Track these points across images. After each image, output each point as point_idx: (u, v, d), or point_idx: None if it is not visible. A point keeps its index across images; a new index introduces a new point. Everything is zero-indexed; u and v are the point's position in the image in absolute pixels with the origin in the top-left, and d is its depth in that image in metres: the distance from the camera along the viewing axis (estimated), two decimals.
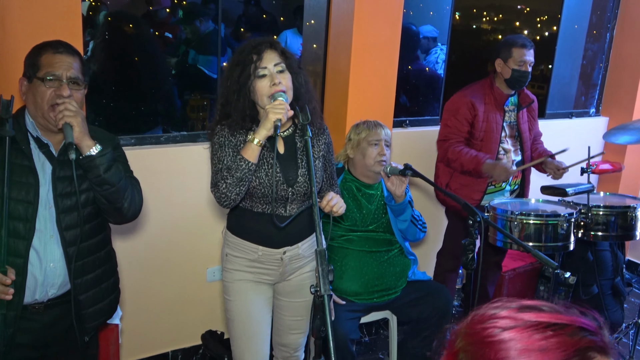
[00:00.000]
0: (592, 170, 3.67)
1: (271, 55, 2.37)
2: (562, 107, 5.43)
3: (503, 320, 0.90)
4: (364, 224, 3.19)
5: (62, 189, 2.16)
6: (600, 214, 3.46)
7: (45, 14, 2.74)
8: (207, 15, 4.20)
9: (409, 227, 3.18)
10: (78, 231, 2.19)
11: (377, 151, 3.11)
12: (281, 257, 2.54)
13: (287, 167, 2.47)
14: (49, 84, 2.09)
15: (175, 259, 3.52)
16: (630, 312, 4.69)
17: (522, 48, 3.67)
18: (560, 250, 3.36)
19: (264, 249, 2.52)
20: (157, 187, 3.34)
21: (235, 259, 2.55)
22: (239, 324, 2.59)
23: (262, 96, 2.36)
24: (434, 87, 4.89)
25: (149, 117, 3.84)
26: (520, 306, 0.92)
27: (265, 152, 2.42)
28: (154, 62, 4.02)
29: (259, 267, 2.55)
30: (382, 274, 3.20)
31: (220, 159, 2.38)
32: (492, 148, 3.70)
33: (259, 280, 2.57)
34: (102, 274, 2.35)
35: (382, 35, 3.75)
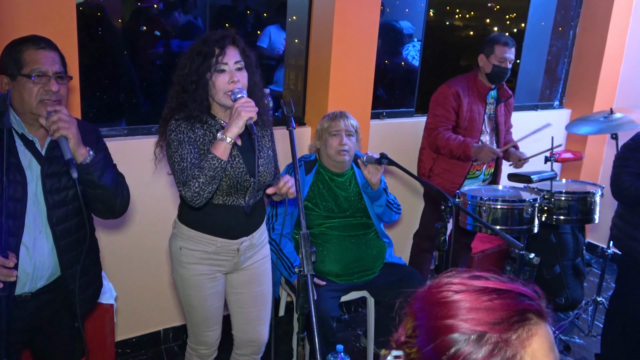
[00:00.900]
0: (555, 159, 3.73)
1: (233, 52, 2.32)
2: (529, 100, 5.49)
3: (455, 286, 0.99)
4: (341, 210, 3.23)
5: (50, 186, 2.10)
6: (562, 199, 3.52)
7: (40, 10, 2.72)
8: (190, 10, 4.19)
9: (384, 210, 3.24)
10: (68, 225, 2.17)
11: (337, 141, 3.15)
12: (238, 248, 2.51)
13: (248, 158, 2.43)
14: (36, 80, 2.01)
15: (165, 243, 3.49)
16: (590, 290, 4.78)
17: (504, 46, 3.74)
18: (526, 233, 3.42)
19: (222, 240, 2.47)
20: (149, 175, 3.35)
21: (191, 252, 2.47)
22: (200, 313, 2.56)
23: (218, 91, 2.32)
24: (409, 80, 4.92)
25: (140, 109, 3.82)
26: (471, 275, 1.00)
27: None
28: (143, 57, 4.01)
29: (215, 259, 2.50)
30: (360, 256, 3.25)
31: (182, 156, 2.27)
32: (475, 137, 3.79)
33: (214, 272, 2.52)
34: (88, 263, 2.33)
35: (360, 31, 3.76)
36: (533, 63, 5.56)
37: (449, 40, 5.83)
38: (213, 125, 2.39)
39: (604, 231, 5.29)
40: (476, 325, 0.92)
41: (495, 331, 0.92)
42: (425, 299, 1.00)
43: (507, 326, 0.92)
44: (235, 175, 2.37)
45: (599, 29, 5.21)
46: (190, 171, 2.24)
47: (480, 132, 3.81)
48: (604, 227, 4.88)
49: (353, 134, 3.20)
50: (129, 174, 2.49)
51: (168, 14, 4.26)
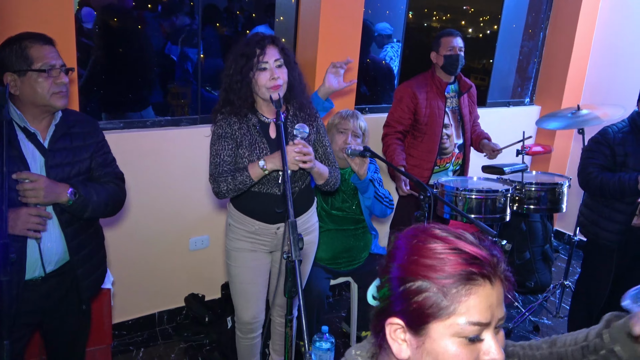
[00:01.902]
0: (526, 152, 3.75)
1: (272, 51, 2.41)
2: (501, 97, 5.51)
3: (431, 238, 1.05)
4: (336, 206, 3.22)
5: (55, 176, 2.09)
6: (533, 190, 3.55)
7: (38, 11, 2.69)
8: (183, 10, 4.15)
9: (374, 203, 3.21)
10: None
11: (343, 139, 3.13)
12: (275, 232, 2.60)
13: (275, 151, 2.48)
14: (50, 73, 2.03)
15: (162, 230, 3.52)
16: (557, 274, 4.83)
17: (449, 36, 3.71)
18: (498, 222, 3.44)
19: (260, 223, 2.57)
20: (145, 167, 3.33)
21: (236, 229, 2.61)
22: (238, 285, 2.68)
23: (261, 87, 2.41)
24: (389, 78, 4.93)
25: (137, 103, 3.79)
26: (451, 233, 1.05)
27: (257, 137, 2.47)
28: (141, 54, 3.97)
29: (256, 238, 2.61)
30: (349, 247, 3.26)
31: (217, 151, 2.45)
32: (436, 131, 3.74)
33: (255, 249, 2.63)
34: (93, 248, 2.33)
35: (345, 32, 3.76)
36: (505, 62, 5.59)
37: (426, 40, 5.82)
38: (250, 119, 2.48)
39: (571, 219, 5.35)
40: (425, 272, 1.01)
41: (438, 282, 0.99)
42: (405, 237, 1.09)
43: (451, 281, 0.99)
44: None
45: (567, 30, 5.25)
46: (221, 168, 2.43)
47: (441, 127, 3.75)
48: (571, 215, 4.94)
49: (360, 136, 3.17)
50: (126, 166, 2.48)
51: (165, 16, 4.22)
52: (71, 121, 2.19)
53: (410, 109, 3.69)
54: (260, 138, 2.47)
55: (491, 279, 1.00)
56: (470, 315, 0.99)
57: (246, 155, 2.45)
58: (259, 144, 2.47)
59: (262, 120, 2.51)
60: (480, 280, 0.99)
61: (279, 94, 2.39)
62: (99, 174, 2.27)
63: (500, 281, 1.02)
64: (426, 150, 3.75)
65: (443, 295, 0.99)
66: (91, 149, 2.23)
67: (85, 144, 2.22)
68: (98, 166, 2.27)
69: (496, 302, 1.01)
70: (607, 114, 3.76)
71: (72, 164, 2.15)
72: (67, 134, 2.16)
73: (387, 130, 3.75)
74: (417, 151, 3.76)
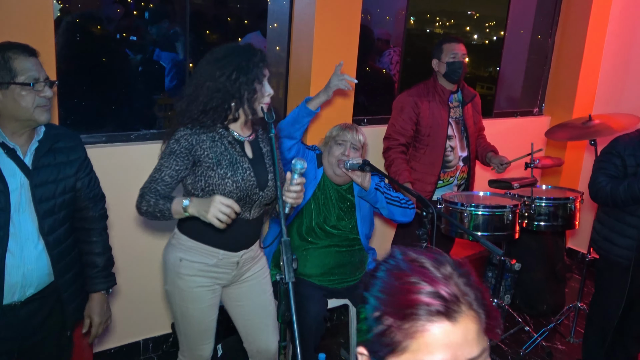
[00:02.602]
0: (535, 165, 3.77)
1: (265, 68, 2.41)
2: (508, 107, 5.55)
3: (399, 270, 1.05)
4: (330, 222, 3.22)
5: (40, 195, 2.11)
6: (543, 205, 3.56)
7: (16, 16, 2.71)
8: (169, 16, 4.18)
9: (391, 210, 3.21)
10: (58, 233, 2.19)
11: (340, 151, 3.13)
12: (238, 261, 2.52)
13: (258, 172, 2.44)
14: (36, 87, 2.03)
15: (147, 251, 3.51)
16: (570, 296, 4.83)
17: (451, 42, 3.75)
18: (506, 240, 3.46)
19: (224, 252, 2.47)
20: (129, 184, 3.32)
21: (192, 264, 2.46)
22: (196, 326, 2.55)
23: (261, 101, 2.39)
24: (389, 87, 4.95)
25: (120, 116, 3.80)
26: (420, 267, 1.05)
27: (238, 156, 2.39)
28: (122, 63, 3.99)
29: (215, 272, 2.49)
30: (343, 263, 3.26)
31: (161, 167, 2.34)
32: (440, 143, 3.75)
33: (213, 284, 2.52)
34: (78, 271, 2.35)
35: (341, 38, 3.79)
36: (512, 70, 5.63)
37: (429, 47, 5.88)
38: (225, 137, 2.40)
39: (584, 237, 5.35)
40: (383, 304, 1.02)
41: (393, 316, 1.00)
42: (377, 264, 1.12)
43: (405, 316, 0.99)
44: (246, 189, 2.38)
45: (577, 36, 5.30)
46: (155, 185, 2.30)
47: (445, 138, 3.76)
48: (585, 232, 4.95)
49: (359, 149, 3.19)
50: (109, 182, 2.51)
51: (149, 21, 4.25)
52: (54, 136, 2.20)
53: (412, 119, 3.71)
54: (240, 157, 2.40)
55: (452, 316, 0.98)
56: (423, 354, 0.98)
57: (229, 176, 2.35)
58: (242, 164, 2.39)
59: (237, 138, 2.43)
60: (436, 317, 0.98)
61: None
62: (85, 201, 2.31)
63: (471, 317, 1.00)
64: (429, 163, 3.77)
65: (397, 329, 1.00)
66: (76, 165, 2.25)
67: (70, 160, 2.24)
68: (84, 188, 2.30)
69: (461, 340, 0.99)
70: (620, 123, 3.79)
71: (56, 182, 2.17)
72: (51, 150, 2.18)
73: (389, 143, 3.76)
74: (419, 164, 3.78)
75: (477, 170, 4.10)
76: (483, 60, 6.12)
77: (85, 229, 2.39)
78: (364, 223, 3.27)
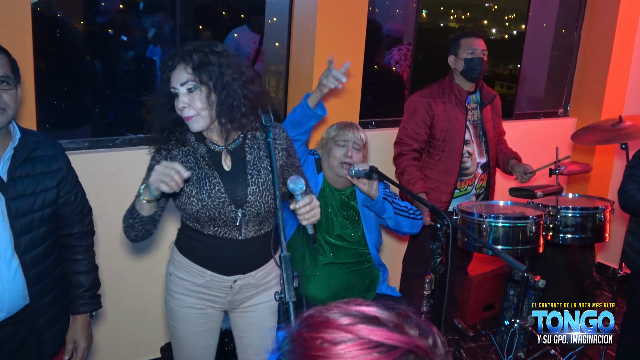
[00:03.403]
0: (561, 171, 3.74)
1: (179, 73, 2.19)
2: (530, 108, 5.53)
3: (333, 332, 0.89)
4: (336, 235, 3.18)
5: (16, 210, 2.07)
6: (570, 215, 3.53)
7: None
8: (162, 10, 4.19)
9: (398, 220, 3.17)
10: (37, 252, 2.15)
11: (343, 152, 3.09)
12: (230, 285, 2.43)
13: (234, 186, 2.33)
14: None
15: (135, 270, 3.50)
16: None
17: (470, 37, 3.74)
18: (530, 254, 3.43)
19: (212, 274, 2.40)
20: (114, 194, 3.31)
21: (180, 282, 2.43)
22: (186, 351, 2.53)
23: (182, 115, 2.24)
24: (399, 87, 4.94)
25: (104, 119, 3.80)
26: (358, 315, 0.91)
27: (207, 171, 2.31)
28: (106, 61, 4.00)
29: (205, 294, 2.44)
30: (351, 285, 3.21)
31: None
32: (456, 149, 3.73)
33: (204, 309, 2.47)
34: (60, 292, 2.31)
35: (346, 34, 3.78)
36: (535, 68, 5.61)
37: (442, 43, 5.87)
38: (197, 149, 2.33)
39: (615, 251, 5.30)
40: None
41: None
42: (295, 342, 0.92)
43: None
44: (215, 207, 2.29)
45: (605, 29, 5.27)
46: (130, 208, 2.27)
47: (462, 143, 3.74)
48: (616, 246, 4.90)
49: (361, 149, 3.15)
50: (91, 193, 2.48)
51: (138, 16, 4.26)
52: (31, 143, 2.16)
53: (426, 122, 3.70)
54: (210, 171, 2.30)
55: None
56: None
57: (194, 194, 2.28)
58: (210, 179, 2.29)
59: (212, 148, 2.35)
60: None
61: (195, 125, 2.22)
62: (71, 217, 2.30)
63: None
64: (444, 171, 3.75)
65: None
66: (57, 177, 2.21)
67: (50, 170, 2.19)
68: (70, 203, 2.27)
69: None
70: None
71: (35, 195, 2.13)
72: (29, 159, 2.13)
73: (401, 149, 3.75)
74: (434, 172, 3.75)
75: (497, 178, 4.07)
76: (502, 57, 6.11)
77: (69, 245, 2.37)
78: (371, 232, 3.24)
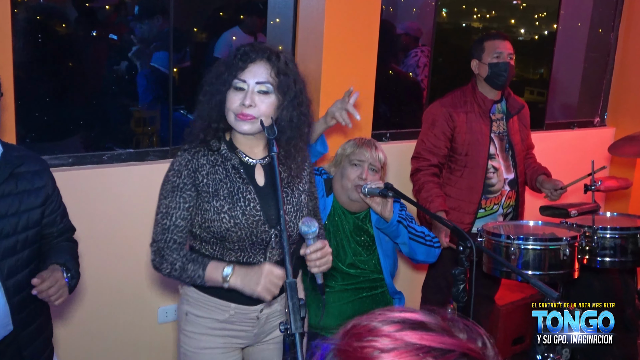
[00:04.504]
0: (597, 187, 3.74)
1: (260, 69, 2.26)
2: (563, 117, 5.54)
3: (382, 340, 0.92)
4: (348, 263, 3.19)
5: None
6: (608, 237, 3.52)
7: None
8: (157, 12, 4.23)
9: (413, 247, 3.15)
10: (21, 277, 2.17)
11: (357, 173, 3.08)
12: (257, 316, 2.43)
13: (269, 204, 2.35)
14: None
15: (123, 297, 3.52)
16: None
17: (495, 39, 3.76)
18: (563, 279, 3.42)
19: (237, 306, 2.38)
20: (100, 215, 3.34)
21: (199, 320, 2.41)
22: None
23: (228, 110, 2.27)
24: (417, 95, 4.96)
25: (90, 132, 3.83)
26: (404, 321, 0.94)
27: (241, 184, 2.33)
28: (92, 68, 4.04)
29: (229, 330, 2.42)
30: (363, 312, 3.19)
31: (168, 209, 2.30)
32: (480, 164, 3.73)
33: (229, 346, 2.45)
34: (43, 321, 2.33)
35: (357, 35, 3.80)
36: (567, 72, 5.63)
37: (465, 45, 5.90)
38: (229, 159, 2.35)
39: None
40: None
41: None
42: (342, 354, 0.95)
43: None
44: (249, 226, 2.30)
45: None
46: (170, 236, 2.29)
47: (487, 157, 3.74)
48: None
49: (378, 170, 3.14)
50: (76, 213, 2.50)
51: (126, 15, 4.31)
52: (15, 158, 2.19)
53: (447, 134, 3.70)
54: (244, 185, 2.32)
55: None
56: None
57: (226, 210, 2.28)
58: (244, 194, 2.31)
59: (245, 161, 2.38)
60: None
61: (247, 127, 2.26)
62: (54, 234, 2.32)
63: None
64: (467, 188, 3.76)
65: None
66: (42, 195, 2.24)
67: (35, 188, 2.22)
68: (53, 223, 2.30)
69: None
70: None
71: (18, 214, 2.15)
72: (12, 176, 2.16)
73: (418, 164, 3.76)
74: (455, 190, 3.77)
75: (527, 196, 4.08)
76: (532, 60, 6.13)
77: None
78: (387, 259, 3.24)
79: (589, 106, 5.65)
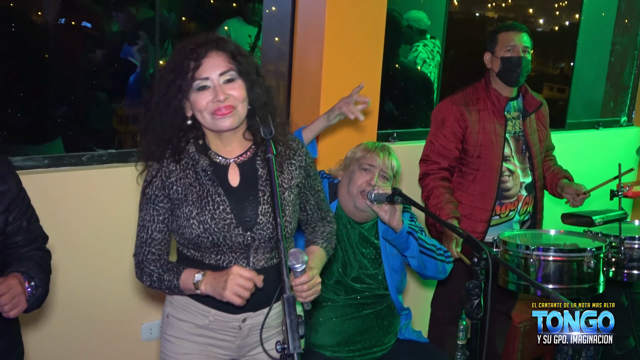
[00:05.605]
0: (624, 193, 3.74)
1: (216, 60, 2.27)
2: (587, 115, 5.54)
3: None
4: (350, 274, 3.19)
5: None
6: (636, 247, 3.53)
7: None
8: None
9: (423, 261, 3.15)
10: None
11: (366, 178, 3.08)
12: (239, 326, 2.43)
13: (243, 205, 2.37)
14: None
15: (103, 313, 3.51)
16: None
17: (509, 30, 3.75)
18: (587, 294, 3.41)
19: (217, 313, 2.40)
20: (78, 222, 3.33)
21: (179, 324, 2.44)
22: None
23: (202, 113, 2.27)
24: (426, 91, 4.95)
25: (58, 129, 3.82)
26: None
27: (210, 187, 2.35)
28: (66, 60, 4.02)
29: (209, 337, 2.44)
30: (367, 328, 3.21)
31: (144, 223, 2.37)
32: (494, 166, 3.72)
33: (210, 355, 2.45)
34: (9, 341, 2.32)
35: (362, 26, 3.80)
36: (591, 67, 5.63)
37: (479, 37, 5.89)
38: (198, 162, 2.36)
39: None
40: None
41: None
42: None
43: None
44: (220, 230, 2.32)
45: None
46: (148, 249, 2.37)
47: (500, 159, 3.73)
48: None
49: (389, 178, 3.14)
50: (51, 219, 2.50)
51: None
52: None
53: (457, 135, 3.70)
54: (213, 188, 2.34)
55: None
56: None
57: (194, 215, 2.32)
58: (213, 197, 2.34)
59: (217, 161, 2.39)
60: None
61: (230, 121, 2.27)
62: (20, 243, 2.29)
63: None
64: (480, 194, 3.75)
65: None
66: (4, 200, 2.22)
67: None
68: (18, 230, 2.28)
69: None
70: None
71: None
72: None
73: (427, 167, 3.75)
74: (467, 195, 3.76)
75: (546, 202, 4.07)
76: (552, 53, 6.14)
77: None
78: (393, 274, 3.23)
79: (614, 104, 5.65)
